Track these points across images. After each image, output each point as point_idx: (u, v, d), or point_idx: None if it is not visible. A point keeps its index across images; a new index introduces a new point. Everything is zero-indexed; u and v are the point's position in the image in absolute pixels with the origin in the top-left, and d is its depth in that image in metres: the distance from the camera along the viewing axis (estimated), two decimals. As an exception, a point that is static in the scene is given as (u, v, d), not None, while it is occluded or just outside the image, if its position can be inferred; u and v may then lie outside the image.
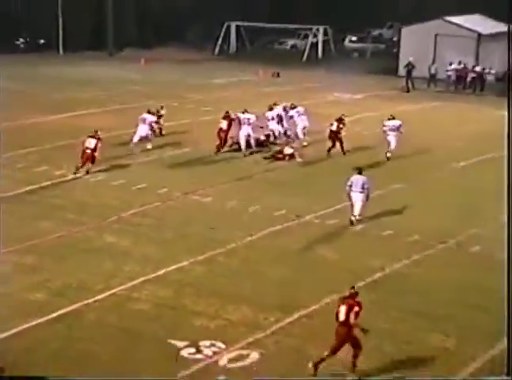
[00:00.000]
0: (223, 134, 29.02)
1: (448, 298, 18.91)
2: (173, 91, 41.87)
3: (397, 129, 29.92)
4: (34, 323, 17.02)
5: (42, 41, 56.54)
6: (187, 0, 59.12)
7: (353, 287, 15.02)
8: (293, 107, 31.30)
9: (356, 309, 14.58)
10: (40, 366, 15.23)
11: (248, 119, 29.90)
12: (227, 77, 47.86)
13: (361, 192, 22.65)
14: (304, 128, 30.86)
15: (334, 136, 30.35)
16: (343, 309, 14.61)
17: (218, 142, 28.74)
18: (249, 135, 29.76)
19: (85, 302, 17.85)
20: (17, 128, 32.92)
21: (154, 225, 22.52)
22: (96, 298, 18.10)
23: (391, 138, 29.76)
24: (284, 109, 31.15)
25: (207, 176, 26.90)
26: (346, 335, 14.69)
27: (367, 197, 22.88)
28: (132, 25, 58.75)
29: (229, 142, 29.49)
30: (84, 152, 26.89)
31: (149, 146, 28.82)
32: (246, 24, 59.60)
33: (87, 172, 26.34)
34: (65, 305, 17.62)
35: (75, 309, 17.58)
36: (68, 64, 50.45)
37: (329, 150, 29.71)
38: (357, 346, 14.77)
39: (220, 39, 59.42)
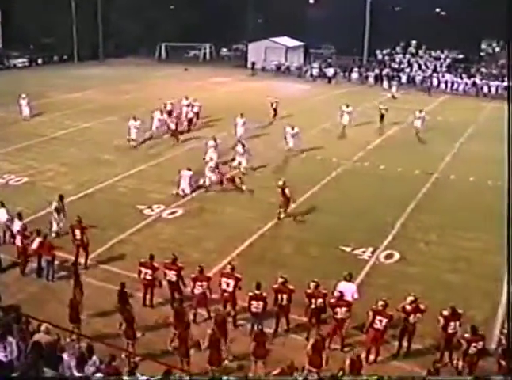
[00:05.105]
0: None
1: (362, 195, 19.75)
2: (133, 79, 45.13)
3: (422, 119, 28.13)
4: (82, 195, 18.75)
5: (65, 57, 57.82)
6: (138, 30, 58.29)
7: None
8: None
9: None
10: (90, 211, 16.29)
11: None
12: (162, 71, 50.68)
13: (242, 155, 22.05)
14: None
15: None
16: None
17: None
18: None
19: (96, 187, 20.09)
20: (56, 101, 35.84)
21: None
22: (99, 186, 20.36)
23: (418, 122, 28.14)
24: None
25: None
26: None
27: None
28: (112, 47, 59.20)
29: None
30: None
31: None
32: (170, 44, 61.15)
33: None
34: (84, 191, 19.77)
35: (90, 193, 19.71)
36: (80, 68, 52.48)
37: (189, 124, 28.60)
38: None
39: (157, 52, 61.78)
